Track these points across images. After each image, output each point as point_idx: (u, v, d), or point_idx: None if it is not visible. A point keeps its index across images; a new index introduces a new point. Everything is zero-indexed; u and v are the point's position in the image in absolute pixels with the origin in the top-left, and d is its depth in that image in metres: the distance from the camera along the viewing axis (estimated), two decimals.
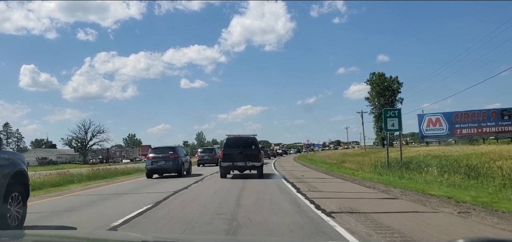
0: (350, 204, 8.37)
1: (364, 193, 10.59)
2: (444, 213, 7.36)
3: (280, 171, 22.21)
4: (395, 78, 71.99)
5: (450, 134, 45.37)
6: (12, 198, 5.80)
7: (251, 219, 6.61)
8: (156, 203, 8.88)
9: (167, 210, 8.01)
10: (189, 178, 17.01)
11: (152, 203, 8.76)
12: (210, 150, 33.98)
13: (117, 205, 9.16)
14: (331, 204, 8.31)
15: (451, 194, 9.73)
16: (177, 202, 9.18)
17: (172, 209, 8.07)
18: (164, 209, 8.14)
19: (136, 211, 7.68)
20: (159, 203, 8.87)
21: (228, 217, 6.85)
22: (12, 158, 6.11)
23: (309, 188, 11.91)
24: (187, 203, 8.99)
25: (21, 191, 6.11)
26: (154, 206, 8.45)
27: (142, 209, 7.88)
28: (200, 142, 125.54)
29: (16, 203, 5.91)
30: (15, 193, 5.90)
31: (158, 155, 18.75)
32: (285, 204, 8.40)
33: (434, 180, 12.84)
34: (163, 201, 9.22)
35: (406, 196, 9.88)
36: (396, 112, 19.61)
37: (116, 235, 3.78)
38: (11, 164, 5.94)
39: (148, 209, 7.96)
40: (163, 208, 8.20)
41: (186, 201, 9.35)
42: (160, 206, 8.53)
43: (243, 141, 17.35)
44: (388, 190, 11.13)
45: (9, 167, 5.83)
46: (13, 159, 6.11)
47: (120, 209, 8.19)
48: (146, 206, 8.26)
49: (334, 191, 11.24)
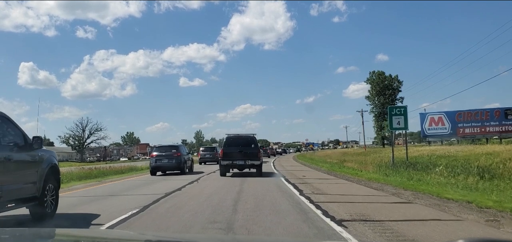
0: (361, 209, 7.46)
1: (374, 197, 9.68)
2: (469, 221, 6.47)
3: (280, 170, 21.29)
4: (395, 77, 71.15)
5: (452, 133, 44.42)
6: (48, 188, 6.75)
7: (250, 229, 5.69)
8: (143, 207, 7.95)
9: (154, 217, 7.08)
10: (191, 175, 17.54)
11: (138, 207, 7.83)
12: (211, 148, 34.92)
13: (99, 208, 8.23)
14: (340, 209, 7.40)
15: (470, 197, 8.82)
16: (166, 207, 8.25)
17: (159, 216, 7.15)
18: (150, 215, 7.22)
19: (119, 217, 6.76)
20: (147, 208, 7.94)
21: (223, 226, 5.93)
22: (47, 155, 7.07)
23: (312, 190, 11.00)
24: (177, 209, 8.07)
25: (55, 182, 7.09)
26: (140, 211, 7.53)
27: (125, 215, 6.96)
28: (199, 140, 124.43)
29: (51, 193, 6.86)
30: (50, 184, 6.83)
31: (161, 153, 19.37)
32: (288, 210, 7.48)
33: (447, 182, 11.94)
34: (152, 205, 8.30)
35: (419, 199, 8.98)
36: (402, 110, 18.69)
37: (118, 234, 3.72)
38: (47, 160, 6.91)
39: (133, 215, 7.04)
40: (150, 214, 7.28)
41: (176, 206, 8.43)
42: (146, 211, 7.60)
43: (242, 140, 17.34)
44: (399, 193, 10.23)
45: (46, 163, 6.82)
46: (48, 156, 7.08)
47: (104, 212, 7.26)
48: (131, 211, 7.33)
49: (340, 193, 10.31)
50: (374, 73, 72.04)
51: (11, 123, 6.36)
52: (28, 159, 6.45)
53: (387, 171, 17.27)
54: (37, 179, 6.48)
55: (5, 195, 5.71)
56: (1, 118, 6.11)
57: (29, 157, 6.48)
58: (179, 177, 16.98)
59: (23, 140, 6.42)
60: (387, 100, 69.07)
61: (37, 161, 6.62)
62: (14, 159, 6.08)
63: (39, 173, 6.55)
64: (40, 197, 6.48)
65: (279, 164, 31.05)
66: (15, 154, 6.13)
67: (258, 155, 16.74)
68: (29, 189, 6.30)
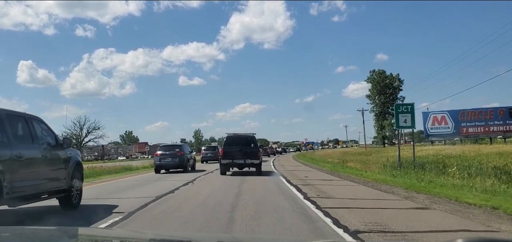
0: (376, 217, 6.55)
1: (386, 201, 8.77)
2: (503, 232, 5.59)
3: (281, 170, 20.35)
4: (396, 76, 70.35)
5: (456, 132, 43.47)
6: (74, 183, 7.68)
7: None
8: (128, 214, 7.04)
9: (137, 226, 6.18)
10: (193, 173, 18.26)
11: (122, 214, 6.92)
12: (213, 148, 35.85)
13: (76, 216, 7.31)
14: (352, 217, 6.50)
15: (494, 202, 7.92)
16: (154, 214, 7.34)
17: (147, 223, 6.24)
18: (135, 222, 6.31)
19: (101, 223, 5.85)
20: (132, 214, 7.03)
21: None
22: (74, 153, 8.11)
23: (317, 192, 10.10)
24: (167, 214, 7.16)
25: (79, 177, 8.08)
26: (124, 218, 6.62)
27: (106, 224, 6.05)
28: (198, 139, 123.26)
29: (76, 186, 7.81)
30: (75, 179, 7.79)
31: (165, 152, 20.19)
32: (292, 218, 6.57)
33: (462, 184, 11.03)
34: (137, 211, 7.39)
35: (437, 204, 8.08)
36: (408, 107, 17.74)
37: (118, 232, 3.77)
38: (74, 158, 7.93)
39: (115, 223, 6.13)
40: (135, 222, 6.37)
41: (166, 212, 7.51)
42: (131, 218, 6.69)
43: (242, 139, 17.51)
44: (412, 196, 9.32)
45: (72, 160, 7.81)
46: (74, 154, 8.09)
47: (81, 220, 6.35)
48: (112, 219, 6.42)
49: (348, 197, 9.38)
50: (375, 72, 71.23)
51: (45, 125, 7.46)
52: (59, 157, 7.44)
53: (394, 171, 16.35)
54: (66, 175, 7.48)
55: (41, 187, 6.77)
56: (37, 121, 7.24)
57: (60, 155, 7.48)
58: (182, 175, 17.12)
59: (54, 140, 7.46)
60: (387, 99, 68.31)
61: (66, 159, 7.64)
62: (49, 157, 7.04)
63: (68, 169, 7.59)
64: (68, 190, 7.48)
65: (280, 164, 30.13)
66: (49, 153, 7.09)
67: (257, 154, 16.83)
68: (60, 183, 7.29)
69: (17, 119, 6.67)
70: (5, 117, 6.21)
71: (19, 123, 6.67)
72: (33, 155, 6.57)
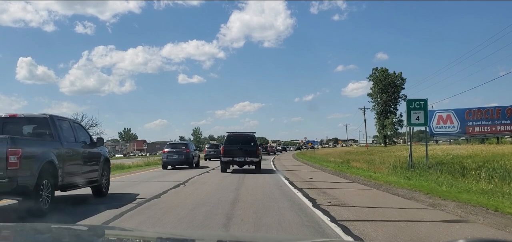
0: (410, 235, 5.17)
1: (411, 210, 7.37)
2: None
3: (282, 170, 18.94)
4: (399, 74, 68.75)
5: (462, 132, 42.01)
6: (103, 175, 9.14)
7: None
8: (106, 222, 5.64)
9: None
10: (197, 170, 19.85)
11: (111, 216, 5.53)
12: (216, 146, 36.72)
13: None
14: (379, 234, 5.11)
15: None
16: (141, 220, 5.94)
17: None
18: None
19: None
20: (111, 221, 5.62)
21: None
22: (103, 150, 9.55)
23: (328, 199, 8.70)
24: (158, 219, 5.76)
25: (108, 170, 9.57)
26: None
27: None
28: (197, 137, 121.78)
29: (105, 178, 9.32)
30: (105, 172, 9.27)
31: (172, 149, 21.54)
32: (305, 236, 5.19)
33: (493, 190, 9.64)
34: (113, 220, 6.00)
35: (474, 215, 6.70)
36: (421, 103, 16.37)
37: (117, 230, 3.51)
38: (103, 154, 9.40)
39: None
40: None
41: (160, 214, 6.12)
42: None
43: (242, 138, 17.84)
44: (438, 204, 7.93)
45: (103, 156, 9.28)
46: (104, 151, 9.58)
47: None
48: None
49: (365, 205, 7.95)
50: (377, 70, 69.65)
51: (82, 128, 9.22)
52: (93, 154, 8.83)
53: (407, 173, 14.96)
54: (98, 168, 8.86)
55: (83, 178, 8.09)
56: (78, 125, 8.92)
57: (94, 152, 8.87)
58: (187, 171, 17.62)
59: (89, 140, 8.89)
60: (389, 97, 66.84)
61: (98, 155, 9.05)
62: (87, 153, 8.43)
63: (99, 164, 8.95)
64: (99, 180, 8.85)
65: (280, 163, 28.76)
66: (86, 150, 8.45)
67: (257, 152, 17.20)
68: (94, 174, 8.65)
69: (64, 123, 8.03)
70: (57, 121, 7.60)
71: (66, 125, 8.00)
72: (77, 152, 8.02)
